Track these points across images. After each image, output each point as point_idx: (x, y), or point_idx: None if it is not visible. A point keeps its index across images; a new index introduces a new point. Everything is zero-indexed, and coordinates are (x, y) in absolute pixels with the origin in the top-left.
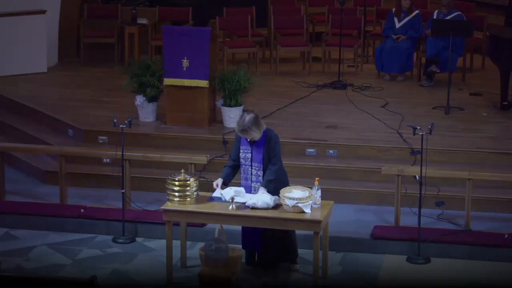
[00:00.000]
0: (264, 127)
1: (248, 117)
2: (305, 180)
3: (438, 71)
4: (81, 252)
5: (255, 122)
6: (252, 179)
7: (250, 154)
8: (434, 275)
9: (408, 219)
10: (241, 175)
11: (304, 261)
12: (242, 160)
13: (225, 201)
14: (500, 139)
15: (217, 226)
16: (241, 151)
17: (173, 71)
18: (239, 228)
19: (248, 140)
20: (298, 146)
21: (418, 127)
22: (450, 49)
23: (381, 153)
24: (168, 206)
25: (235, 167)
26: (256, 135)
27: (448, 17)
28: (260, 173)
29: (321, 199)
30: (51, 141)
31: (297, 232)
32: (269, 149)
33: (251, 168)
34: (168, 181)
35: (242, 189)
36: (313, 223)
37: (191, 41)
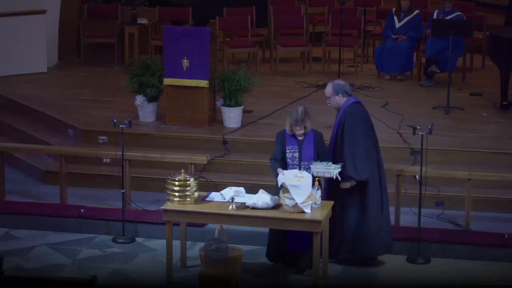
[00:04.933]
0: None
1: (300, 108)
2: None
3: (438, 71)
4: (81, 252)
5: (308, 112)
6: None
7: (298, 154)
8: (434, 275)
9: (408, 219)
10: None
11: None
12: (289, 160)
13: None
14: (500, 139)
15: (217, 226)
16: (288, 151)
17: (173, 71)
18: (239, 228)
19: (299, 134)
20: None
21: (418, 127)
22: (450, 49)
23: (381, 153)
24: (168, 206)
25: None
26: (309, 125)
27: (448, 17)
28: (309, 171)
29: (321, 199)
30: (51, 141)
31: None
32: (320, 147)
33: (300, 168)
34: (168, 181)
35: (242, 189)
36: (313, 223)
37: (191, 41)
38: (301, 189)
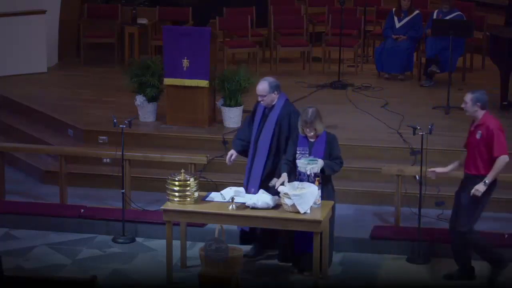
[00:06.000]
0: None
1: (311, 110)
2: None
3: (438, 71)
4: (81, 252)
5: (318, 114)
6: (309, 181)
7: (307, 155)
8: (434, 275)
9: (408, 219)
10: (297, 176)
11: None
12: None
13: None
14: None
15: (217, 226)
16: (298, 152)
17: (173, 71)
18: (239, 228)
19: (310, 136)
20: None
21: (418, 127)
22: (450, 49)
23: (381, 153)
24: (168, 206)
25: (292, 165)
26: (320, 127)
27: (448, 17)
28: (318, 174)
29: (321, 199)
30: (51, 141)
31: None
32: (332, 150)
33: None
34: (168, 181)
35: (242, 189)
36: (313, 223)
37: (191, 41)
38: (304, 198)
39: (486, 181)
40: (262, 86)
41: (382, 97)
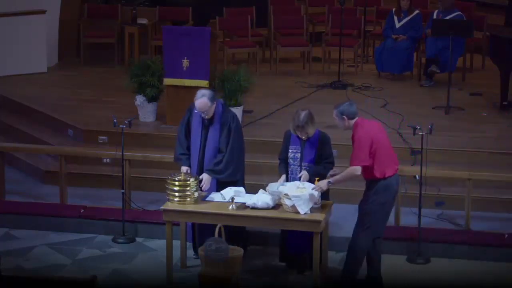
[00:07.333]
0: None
1: (303, 113)
2: None
3: (438, 71)
4: (81, 252)
5: (311, 118)
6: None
7: (300, 154)
8: (434, 275)
9: (408, 219)
10: (289, 175)
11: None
12: (290, 160)
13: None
14: (500, 139)
15: (217, 226)
16: (290, 151)
17: (173, 71)
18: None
19: (302, 137)
20: None
21: (418, 127)
22: (450, 49)
23: None
24: (168, 206)
25: (287, 165)
26: (311, 131)
27: (448, 17)
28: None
29: (321, 199)
30: (51, 141)
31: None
32: (323, 150)
33: (300, 168)
34: (168, 181)
35: (242, 189)
36: (313, 223)
37: (191, 41)
38: (303, 200)
39: (331, 181)
40: (203, 102)
41: (382, 97)
